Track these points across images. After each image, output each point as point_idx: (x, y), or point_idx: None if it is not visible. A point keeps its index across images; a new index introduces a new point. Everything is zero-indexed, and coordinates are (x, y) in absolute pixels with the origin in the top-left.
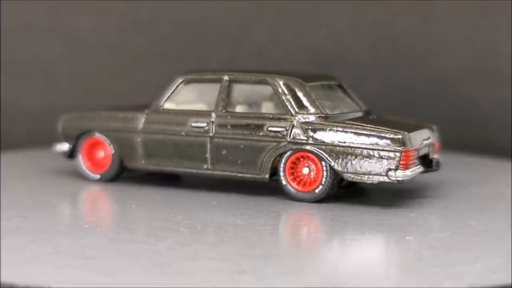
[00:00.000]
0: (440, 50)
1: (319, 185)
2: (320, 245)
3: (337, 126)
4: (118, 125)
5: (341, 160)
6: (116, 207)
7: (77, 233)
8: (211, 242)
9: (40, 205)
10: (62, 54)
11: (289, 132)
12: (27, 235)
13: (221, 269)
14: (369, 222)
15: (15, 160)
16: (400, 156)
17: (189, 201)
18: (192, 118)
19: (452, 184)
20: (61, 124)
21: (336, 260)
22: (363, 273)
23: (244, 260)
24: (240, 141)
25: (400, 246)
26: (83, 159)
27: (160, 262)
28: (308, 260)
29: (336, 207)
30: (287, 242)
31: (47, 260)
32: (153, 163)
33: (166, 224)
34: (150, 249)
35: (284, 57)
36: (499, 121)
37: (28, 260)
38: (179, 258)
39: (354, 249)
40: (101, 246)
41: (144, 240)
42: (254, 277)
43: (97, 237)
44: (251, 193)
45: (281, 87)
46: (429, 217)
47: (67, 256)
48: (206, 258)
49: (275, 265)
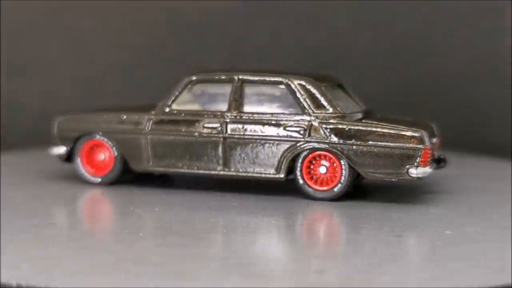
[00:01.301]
0: (440, 50)
1: (337, 183)
2: (375, 243)
3: (356, 125)
4: (123, 126)
5: (361, 158)
6: (139, 210)
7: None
8: (269, 243)
9: (44, 208)
10: (62, 54)
11: (308, 132)
12: (32, 237)
13: (298, 269)
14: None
15: (15, 161)
16: (420, 153)
17: (207, 202)
18: (205, 119)
19: (452, 184)
20: (57, 127)
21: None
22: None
23: (314, 260)
24: (256, 141)
25: (405, 243)
26: (82, 162)
27: (234, 264)
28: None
29: (357, 205)
30: (340, 240)
31: (47, 261)
32: (161, 165)
33: (206, 226)
34: (211, 252)
35: (284, 57)
36: (499, 121)
37: (28, 260)
38: (252, 259)
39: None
40: (155, 251)
41: (197, 244)
42: (333, 276)
43: (147, 242)
44: (262, 193)
45: (296, 87)
46: (428, 216)
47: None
48: (275, 258)
49: (350, 263)
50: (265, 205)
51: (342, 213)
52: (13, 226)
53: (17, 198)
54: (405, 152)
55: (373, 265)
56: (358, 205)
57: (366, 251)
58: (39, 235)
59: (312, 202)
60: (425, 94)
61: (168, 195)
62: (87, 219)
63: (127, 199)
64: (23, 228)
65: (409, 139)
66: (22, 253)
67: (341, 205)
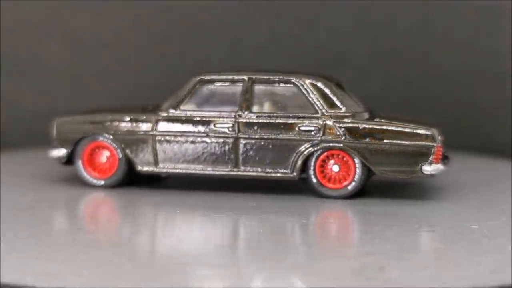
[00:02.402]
0: (440, 50)
1: (351, 181)
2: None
3: (370, 123)
4: (129, 127)
5: (375, 156)
6: (163, 213)
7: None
8: (315, 242)
9: (59, 214)
10: (62, 54)
11: (322, 131)
12: (37, 238)
13: (362, 266)
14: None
15: (16, 161)
16: (433, 151)
17: (226, 203)
18: (215, 119)
19: (452, 184)
20: (56, 129)
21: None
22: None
23: (372, 257)
24: (269, 141)
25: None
26: (83, 164)
27: (297, 264)
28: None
29: (371, 203)
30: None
31: (47, 262)
32: (170, 167)
33: (245, 226)
34: (264, 251)
35: (284, 57)
36: (499, 121)
37: (28, 260)
38: (312, 258)
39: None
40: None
41: (251, 245)
42: (396, 272)
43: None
44: (271, 193)
45: (309, 87)
46: (428, 215)
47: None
48: (334, 257)
49: (413, 259)
50: (283, 205)
51: (363, 211)
52: (23, 231)
53: (24, 203)
54: (418, 149)
55: (434, 259)
56: (372, 202)
57: (414, 248)
58: (53, 241)
59: (327, 200)
60: (425, 94)
61: (180, 196)
62: (107, 224)
63: (146, 201)
64: (33, 234)
65: (422, 137)
66: (23, 252)
67: (356, 203)
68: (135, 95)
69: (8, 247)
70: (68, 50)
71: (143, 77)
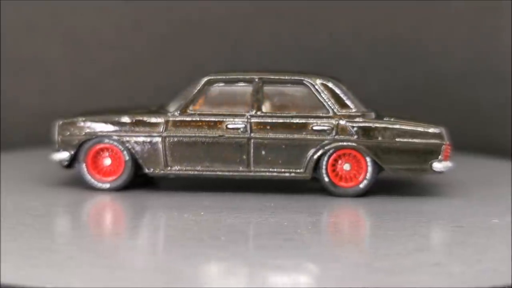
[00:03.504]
0: (440, 50)
1: (363, 180)
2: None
3: (382, 123)
4: (137, 129)
5: (387, 155)
6: (187, 215)
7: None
8: (355, 241)
9: (54, 213)
10: (62, 54)
11: (335, 130)
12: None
13: (417, 263)
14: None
15: (16, 162)
16: (443, 148)
17: (243, 204)
18: (227, 119)
19: (452, 184)
20: (58, 131)
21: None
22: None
23: (427, 253)
24: (283, 141)
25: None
26: (88, 167)
27: (365, 264)
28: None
29: (382, 200)
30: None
31: (48, 262)
32: (180, 168)
33: (276, 228)
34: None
35: (284, 57)
36: (499, 121)
37: (28, 260)
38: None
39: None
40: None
41: (296, 246)
42: (449, 266)
43: (240, 246)
44: (281, 192)
45: (319, 86)
46: (427, 216)
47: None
48: (382, 255)
49: (458, 255)
50: (302, 204)
51: (380, 209)
52: (23, 233)
53: (25, 204)
54: (429, 147)
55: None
56: (384, 200)
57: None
58: (55, 241)
59: (344, 199)
60: (425, 94)
61: (194, 198)
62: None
63: (157, 204)
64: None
65: (432, 135)
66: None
67: (368, 201)
68: (135, 95)
69: (8, 247)
70: (68, 50)
71: (143, 77)
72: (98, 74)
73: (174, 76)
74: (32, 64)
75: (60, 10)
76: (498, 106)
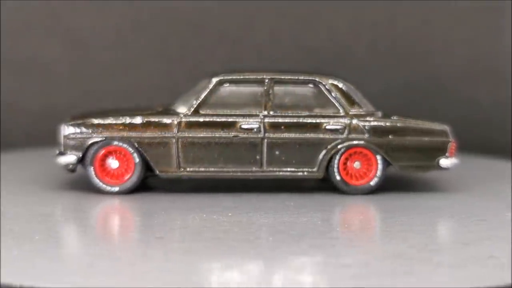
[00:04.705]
0: (440, 50)
1: (373, 177)
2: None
3: (391, 121)
4: (148, 131)
5: (397, 153)
6: (216, 217)
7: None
8: (378, 240)
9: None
10: (62, 54)
11: (347, 129)
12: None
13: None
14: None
15: (17, 162)
16: (449, 145)
17: (262, 204)
18: (240, 120)
19: (452, 184)
20: (64, 133)
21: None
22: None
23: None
24: (297, 141)
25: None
26: (96, 170)
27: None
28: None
29: (393, 197)
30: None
31: (47, 262)
32: (193, 169)
33: (314, 227)
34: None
35: (284, 57)
36: (499, 121)
37: (28, 260)
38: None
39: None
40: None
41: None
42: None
43: (287, 246)
44: (292, 191)
45: (330, 86)
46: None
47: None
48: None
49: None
50: (319, 203)
51: (395, 205)
52: (24, 235)
53: (26, 204)
54: (436, 145)
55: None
56: (394, 197)
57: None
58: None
59: (355, 197)
60: (425, 94)
61: (210, 199)
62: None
63: (178, 206)
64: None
65: (439, 133)
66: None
67: (379, 198)
68: (135, 95)
69: (8, 248)
70: (68, 50)
71: (143, 77)
72: (98, 74)
73: (174, 76)
74: (32, 64)
75: (60, 10)
76: (498, 106)
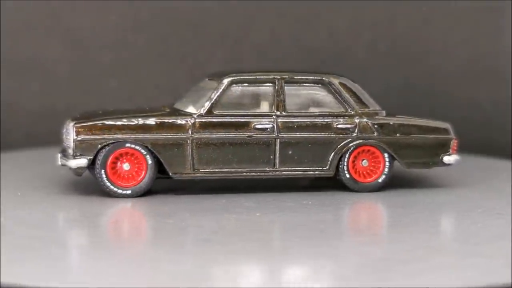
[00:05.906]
0: (440, 50)
1: (381, 175)
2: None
3: (398, 120)
4: (161, 132)
5: (403, 150)
6: (245, 217)
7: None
8: (408, 239)
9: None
10: (62, 54)
11: (357, 128)
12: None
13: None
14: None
15: (17, 164)
16: (452, 142)
17: (282, 203)
18: (254, 120)
19: (452, 184)
20: (74, 134)
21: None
22: None
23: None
24: (309, 140)
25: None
26: (107, 173)
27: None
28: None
29: (401, 194)
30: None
31: (48, 261)
32: (206, 170)
33: (348, 224)
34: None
35: (284, 57)
36: (499, 121)
37: (28, 260)
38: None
39: None
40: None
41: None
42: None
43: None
44: (301, 190)
45: (338, 86)
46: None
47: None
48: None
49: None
50: (334, 201)
51: (394, 202)
52: (25, 236)
53: (27, 205)
54: (440, 142)
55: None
56: (402, 193)
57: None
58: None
59: (366, 194)
60: (425, 94)
61: (228, 200)
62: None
63: (200, 207)
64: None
65: (442, 130)
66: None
67: (387, 194)
68: (135, 95)
69: (8, 248)
70: (68, 50)
71: (143, 77)
72: (98, 74)
73: (174, 76)
74: (31, 64)
75: (60, 10)
76: (498, 106)
